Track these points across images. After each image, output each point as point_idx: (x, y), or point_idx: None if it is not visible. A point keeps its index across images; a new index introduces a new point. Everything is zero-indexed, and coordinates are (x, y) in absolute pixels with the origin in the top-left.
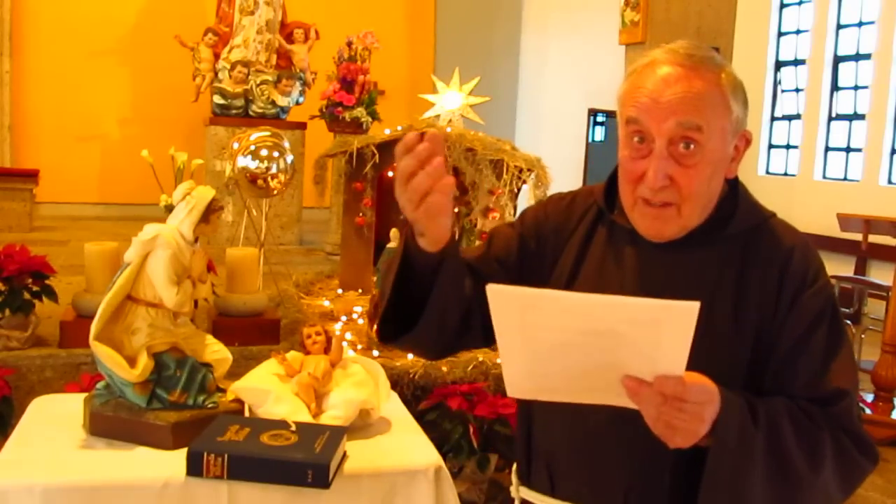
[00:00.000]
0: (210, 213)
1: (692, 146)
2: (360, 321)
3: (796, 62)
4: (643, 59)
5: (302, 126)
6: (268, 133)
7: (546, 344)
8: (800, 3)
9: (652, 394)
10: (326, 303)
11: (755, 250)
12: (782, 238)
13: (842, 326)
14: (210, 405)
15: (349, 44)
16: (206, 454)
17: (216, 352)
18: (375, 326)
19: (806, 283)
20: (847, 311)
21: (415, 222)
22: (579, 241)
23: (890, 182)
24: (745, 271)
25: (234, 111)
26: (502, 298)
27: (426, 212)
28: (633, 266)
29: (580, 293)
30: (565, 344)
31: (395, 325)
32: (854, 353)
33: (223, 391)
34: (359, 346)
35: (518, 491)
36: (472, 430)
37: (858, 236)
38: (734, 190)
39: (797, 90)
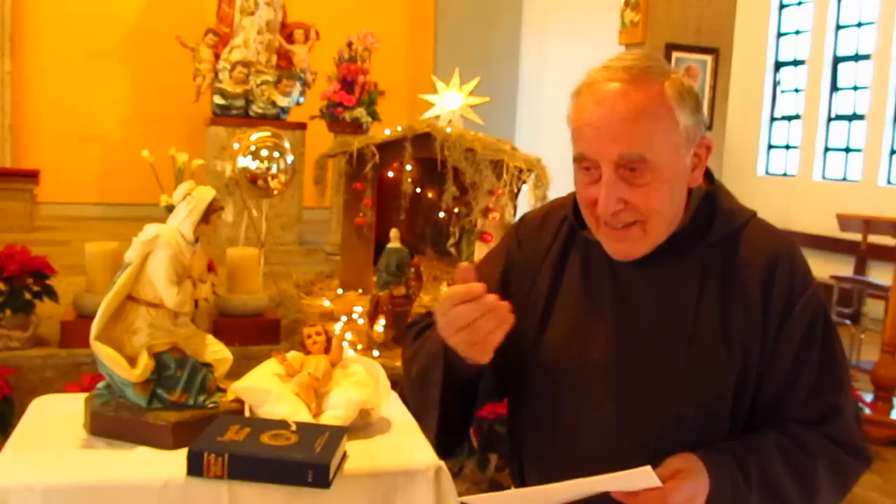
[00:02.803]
0: (210, 213)
1: (639, 167)
2: (360, 321)
3: (796, 63)
4: (584, 78)
5: (302, 126)
6: (268, 133)
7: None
8: (799, 4)
9: (640, 502)
10: (326, 303)
11: (736, 258)
12: (764, 244)
13: (833, 333)
14: (210, 405)
15: (349, 44)
16: (206, 454)
17: (216, 352)
18: (435, 441)
19: (794, 297)
20: (846, 311)
21: (465, 355)
22: (555, 260)
23: (889, 182)
24: (728, 283)
25: (234, 111)
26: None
27: (482, 348)
28: (612, 285)
29: (540, 487)
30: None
31: (453, 434)
32: (847, 357)
33: (223, 391)
34: (359, 346)
35: None
36: (471, 430)
37: (858, 236)
38: (711, 195)
39: (796, 90)
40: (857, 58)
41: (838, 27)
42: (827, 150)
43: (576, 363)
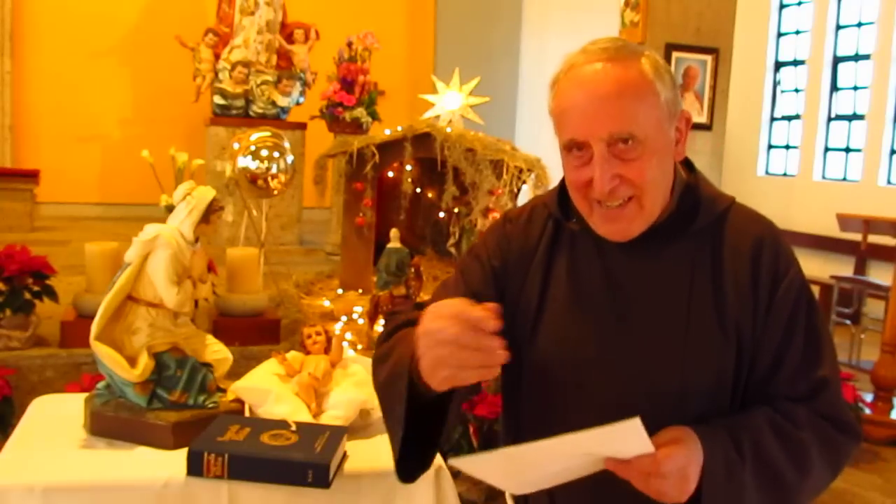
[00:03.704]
0: (210, 213)
1: (630, 142)
2: (360, 321)
3: (796, 63)
4: (561, 65)
5: (302, 126)
6: (268, 133)
7: (522, 475)
8: (799, 4)
9: (633, 471)
10: (326, 303)
11: (722, 242)
12: (747, 228)
13: (816, 310)
14: (210, 405)
15: (349, 44)
16: (206, 454)
17: (216, 352)
18: (396, 464)
19: (779, 276)
20: (846, 311)
21: (425, 376)
22: (543, 260)
23: (889, 182)
24: (717, 267)
25: (234, 111)
26: (464, 466)
27: (447, 378)
28: (603, 276)
29: (527, 444)
30: (539, 469)
31: (413, 459)
32: (829, 330)
33: (223, 391)
34: (359, 346)
35: None
36: (472, 429)
37: (858, 236)
38: (693, 184)
39: (796, 90)
40: (857, 58)
41: (838, 27)
42: (827, 150)
43: (571, 360)
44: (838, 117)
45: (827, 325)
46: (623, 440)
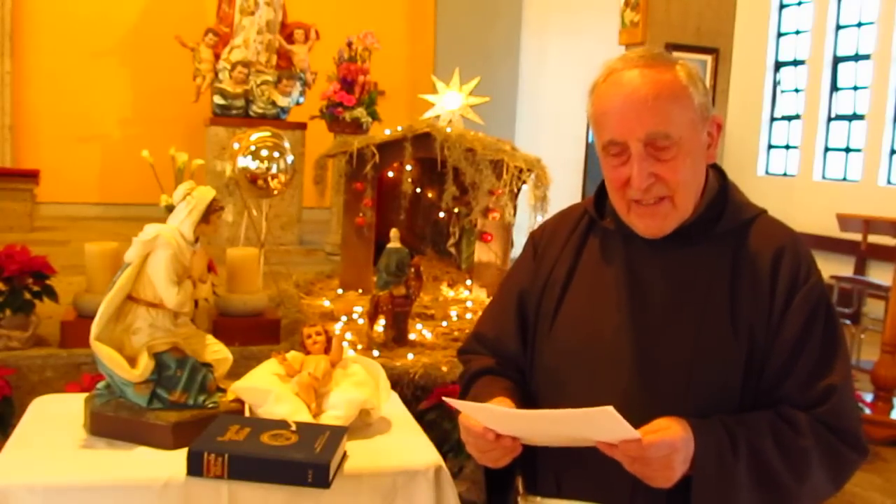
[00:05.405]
0: (210, 213)
1: (666, 142)
2: (360, 321)
3: (796, 63)
4: (600, 72)
5: (302, 126)
6: (268, 133)
7: (508, 428)
8: (799, 4)
9: (621, 454)
10: (326, 303)
11: (745, 247)
12: (772, 235)
13: (835, 320)
14: (210, 405)
15: (349, 44)
16: (206, 454)
17: (216, 352)
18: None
19: (798, 283)
20: (846, 311)
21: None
22: (575, 243)
23: (889, 182)
24: (738, 269)
25: (234, 111)
26: (460, 407)
27: (493, 464)
28: (626, 268)
29: (515, 410)
30: (527, 431)
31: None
32: (847, 343)
33: (223, 391)
34: (359, 346)
35: (526, 500)
36: None
37: (858, 236)
38: (723, 188)
39: (796, 90)
40: (857, 58)
41: (838, 27)
42: (827, 150)
43: (587, 343)
44: (838, 117)
45: (844, 339)
46: (601, 425)
